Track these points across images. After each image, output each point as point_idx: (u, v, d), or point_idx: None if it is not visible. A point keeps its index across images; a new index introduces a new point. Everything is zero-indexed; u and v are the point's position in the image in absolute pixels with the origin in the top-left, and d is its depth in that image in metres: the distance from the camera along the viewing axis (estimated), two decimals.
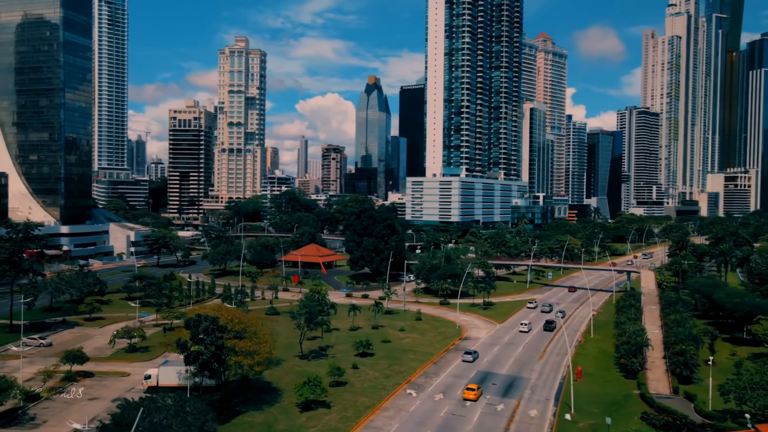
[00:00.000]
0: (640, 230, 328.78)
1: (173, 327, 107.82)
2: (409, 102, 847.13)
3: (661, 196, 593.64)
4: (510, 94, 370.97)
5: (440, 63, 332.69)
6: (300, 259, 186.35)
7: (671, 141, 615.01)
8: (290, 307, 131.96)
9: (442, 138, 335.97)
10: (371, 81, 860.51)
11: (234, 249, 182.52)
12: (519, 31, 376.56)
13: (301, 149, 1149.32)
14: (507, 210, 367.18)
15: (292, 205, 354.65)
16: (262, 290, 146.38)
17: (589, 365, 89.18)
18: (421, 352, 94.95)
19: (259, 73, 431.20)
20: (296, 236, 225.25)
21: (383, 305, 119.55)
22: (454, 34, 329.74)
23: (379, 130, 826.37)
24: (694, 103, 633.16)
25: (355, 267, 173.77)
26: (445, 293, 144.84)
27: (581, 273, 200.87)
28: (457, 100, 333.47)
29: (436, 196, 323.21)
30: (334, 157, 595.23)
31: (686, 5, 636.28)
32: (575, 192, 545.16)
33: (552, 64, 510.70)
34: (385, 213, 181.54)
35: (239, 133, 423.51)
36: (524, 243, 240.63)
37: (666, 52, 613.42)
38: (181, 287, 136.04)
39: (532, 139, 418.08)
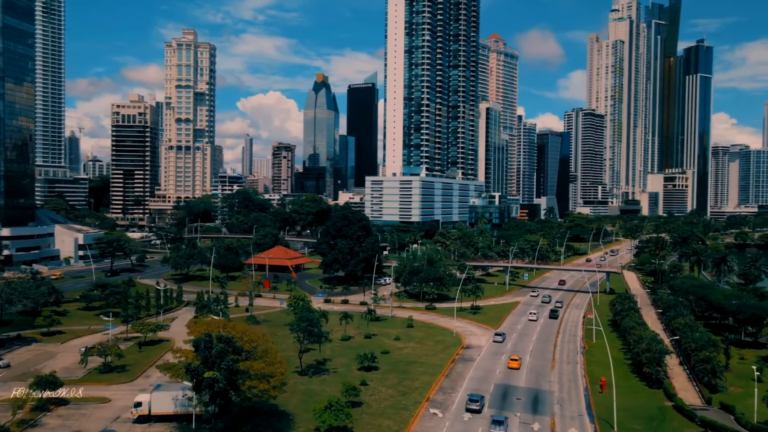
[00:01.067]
0: (596, 229, 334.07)
1: (148, 341, 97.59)
2: (357, 101, 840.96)
3: (606, 196, 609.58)
4: (467, 94, 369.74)
5: (400, 60, 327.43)
6: (268, 262, 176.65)
7: (615, 142, 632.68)
8: (269, 315, 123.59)
9: (402, 136, 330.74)
10: (319, 79, 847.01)
11: (197, 252, 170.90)
12: (476, 30, 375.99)
13: (246, 148, 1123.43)
14: (465, 210, 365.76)
15: (245, 205, 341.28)
16: (236, 297, 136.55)
17: (605, 374, 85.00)
18: (427, 364, 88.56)
19: (209, 67, 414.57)
20: (258, 238, 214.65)
21: (375, 312, 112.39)
22: (414, 31, 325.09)
23: (328, 129, 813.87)
24: (636, 106, 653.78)
25: (329, 270, 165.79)
26: (432, 297, 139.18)
27: (551, 273, 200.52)
28: (417, 99, 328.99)
29: (397, 196, 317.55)
30: (285, 156, 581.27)
31: (628, 11, 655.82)
32: (526, 191, 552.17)
33: (504, 65, 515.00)
34: (359, 214, 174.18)
35: (188, 129, 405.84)
36: (490, 243, 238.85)
37: (610, 56, 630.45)
38: (148, 295, 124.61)
39: (488, 139, 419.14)
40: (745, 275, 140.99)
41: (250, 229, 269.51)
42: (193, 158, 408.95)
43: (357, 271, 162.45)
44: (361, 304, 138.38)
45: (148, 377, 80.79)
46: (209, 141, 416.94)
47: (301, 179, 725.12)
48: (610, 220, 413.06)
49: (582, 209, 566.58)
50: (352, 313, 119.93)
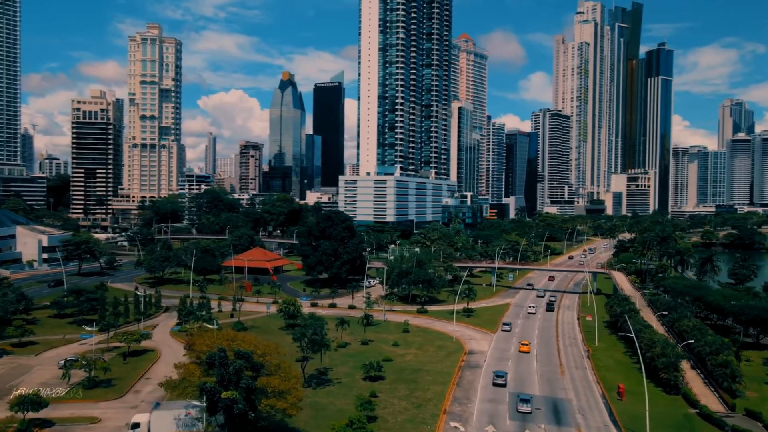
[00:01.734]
0: (568, 229, 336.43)
1: (131, 351, 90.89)
2: (323, 100, 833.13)
3: (572, 196, 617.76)
4: (440, 93, 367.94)
5: (374, 58, 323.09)
6: (247, 264, 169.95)
7: (581, 143, 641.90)
8: (255, 321, 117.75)
9: (377, 135, 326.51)
10: (285, 77, 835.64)
11: (173, 254, 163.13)
12: (449, 29, 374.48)
13: (209, 146, 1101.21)
14: (438, 209, 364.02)
15: (215, 205, 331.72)
16: (218, 301, 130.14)
17: (616, 379, 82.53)
18: (434, 372, 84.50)
19: (175, 63, 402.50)
20: (233, 239, 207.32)
21: (372, 317, 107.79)
22: (388, 29, 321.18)
23: (294, 128, 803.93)
24: (601, 107, 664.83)
25: (312, 272, 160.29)
26: (424, 300, 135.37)
27: (533, 274, 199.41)
28: (391, 97, 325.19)
29: (371, 196, 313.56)
30: (253, 155, 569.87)
31: (593, 14, 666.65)
32: (494, 191, 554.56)
33: (474, 65, 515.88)
34: (342, 214, 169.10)
35: (153, 127, 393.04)
36: (468, 244, 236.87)
37: (575, 58, 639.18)
38: (126, 301, 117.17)
39: (460, 139, 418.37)
40: (737, 275, 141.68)
41: (221, 230, 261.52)
42: (158, 157, 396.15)
43: (342, 273, 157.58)
44: (349, 308, 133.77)
45: (138, 392, 74.54)
46: (175, 139, 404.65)
47: (267, 179, 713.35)
48: (582, 220, 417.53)
49: (549, 209, 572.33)
50: (341, 317, 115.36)
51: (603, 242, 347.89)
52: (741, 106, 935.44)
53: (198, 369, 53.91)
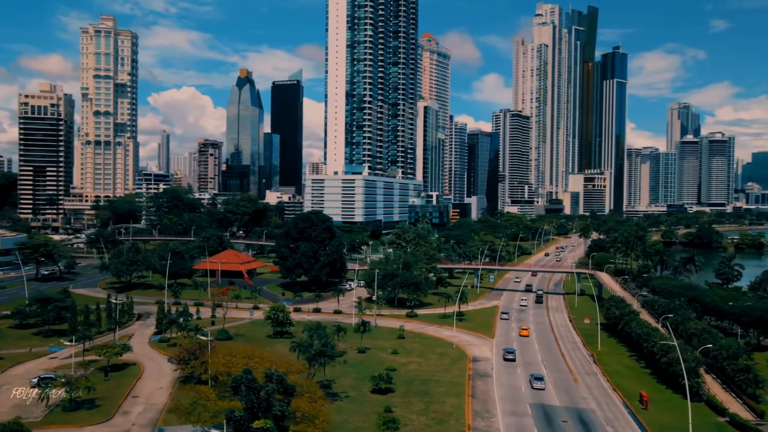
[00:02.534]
0: (533, 228, 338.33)
1: (113, 365, 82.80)
2: (281, 98, 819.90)
3: (532, 195, 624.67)
4: (407, 92, 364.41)
5: (342, 55, 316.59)
6: (220, 267, 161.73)
7: (540, 143, 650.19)
8: (239, 328, 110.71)
9: (344, 134, 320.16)
10: (243, 74, 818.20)
11: (142, 257, 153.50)
12: (415, 27, 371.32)
13: (162, 144, 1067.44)
14: (405, 209, 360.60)
15: (175, 205, 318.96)
16: (197, 307, 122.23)
17: (630, 386, 79.69)
18: (444, 382, 79.73)
19: (131, 57, 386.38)
20: (201, 241, 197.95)
21: (369, 324, 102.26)
22: (356, 25, 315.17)
23: (252, 126, 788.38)
24: (559, 108, 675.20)
25: (291, 275, 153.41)
26: (413, 304, 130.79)
27: (510, 274, 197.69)
28: (359, 95, 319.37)
29: (339, 195, 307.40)
30: (212, 153, 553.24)
31: (551, 16, 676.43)
32: (457, 191, 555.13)
33: (437, 64, 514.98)
34: (321, 214, 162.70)
35: (108, 123, 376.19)
36: (441, 244, 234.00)
37: (534, 59, 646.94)
38: (98, 309, 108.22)
39: (425, 138, 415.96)
40: (724, 275, 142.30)
41: (185, 231, 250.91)
42: (113, 154, 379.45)
43: (322, 276, 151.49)
44: (335, 313, 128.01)
45: (127, 414, 67.04)
46: (132, 136, 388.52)
47: (225, 178, 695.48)
48: (548, 220, 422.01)
49: (510, 208, 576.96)
50: (326, 323, 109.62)
51: (568, 241, 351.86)
52: (688, 110, 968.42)
53: (212, 391, 47.59)
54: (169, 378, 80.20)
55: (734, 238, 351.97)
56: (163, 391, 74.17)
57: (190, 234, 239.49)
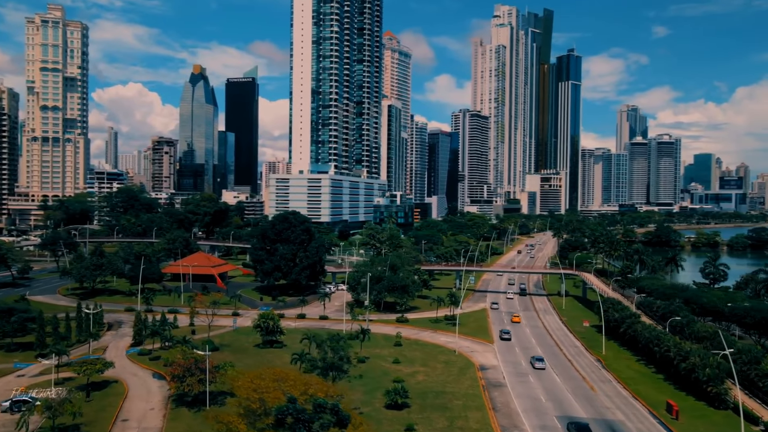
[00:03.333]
0: (499, 228, 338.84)
1: (92, 382, 74.39)
2: (235, 96, 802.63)
3: (491, 195, 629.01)
4: (372, 90, 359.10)
5: (307, 51, 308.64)
6: (191, 271, 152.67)
7: (499, 143, 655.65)
8: (223, 338, 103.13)
9: (310, 132, 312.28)
10: (196, 70, 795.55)
11: (107, 261, 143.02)
12: (379, 25, 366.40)
13: (110, 142, 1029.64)
14: (370, 209, 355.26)
15: (131, 205, 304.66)
16: (174, 315, 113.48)
17: (649, 393, 76.69)
18: (459, 394, 74.75)
19: (81, 49, 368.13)
20: (165, 243, 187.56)
21: (370, 331, 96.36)
22: (322, 21, 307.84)
23: (207, 124, 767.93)
24: (516, 109, 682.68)
25: (269, 279, 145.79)
26: (404, 308, 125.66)
27: (488, 276, 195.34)
28: (325, 93, 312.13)
29: (305, 195, 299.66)
30: (167, 151, 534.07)
31: (509, 18, 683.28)
32: (417, 191, 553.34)
33: (398, 63, 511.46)
34: (299, 215, 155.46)
35: (56, 118, 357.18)
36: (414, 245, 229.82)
37: (493, 60, 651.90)
38: (68, 319, 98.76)
39: (389, 137, 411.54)
40: (712, 275, 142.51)
41: (144, 233, 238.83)
42: (62, 151, 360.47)
43: (301, 280, 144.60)
44: (321, 318, 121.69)
45: None
46: (82, 132, 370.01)
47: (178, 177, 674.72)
48: (513, 219, 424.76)
49: (469, 208, 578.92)
50: (315, 330, 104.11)
51: (532, 240, 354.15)
52: (636, 112, 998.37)
53: (241, 422, 41.24)
54: (158, 397, 72.63)
55: (691, 237, 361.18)
56: (155, 413, 66.73)
57: (150, 235, 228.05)
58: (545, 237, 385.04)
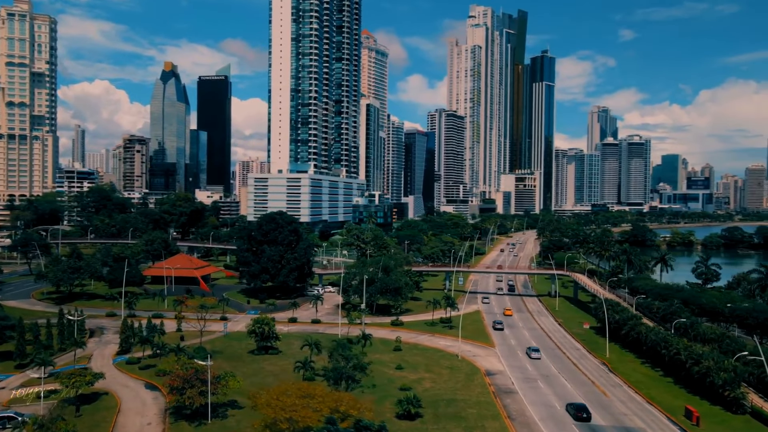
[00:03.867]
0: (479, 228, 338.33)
1: (80, 395, 69.44)
2: (207, 94, 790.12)
3: (467, 195, 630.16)
4: (351, 89, 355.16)
5: (287, 48, 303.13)
6: (174, 273, 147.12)
7: (474, 143, 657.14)
8: (214, 344, 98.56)
9: (289, 131, 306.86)
10: (168, 68, 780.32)
11: (85, 264, 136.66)
12: (358, 23, 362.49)
13: (77, 140, 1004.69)
14: (349, 209, 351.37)
15: (103, 205, 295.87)
16: (161, 320, 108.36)
17: (663, 397, 74.96)
18: (471, 402, 71.82)
19: (49, 44, 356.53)
20: (143, 244, 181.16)
21: (371, 336, 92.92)
22: (301, 18, 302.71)
23: (178, 123, 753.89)
24: (492, 109, 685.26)
25: (256, 281, 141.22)
26: (399, 311, 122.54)
27: (475, 276, 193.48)
28: (304, 91, 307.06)
29: (284, 195, 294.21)
30: (139, 150, 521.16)
31: (484, 18, 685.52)
32: (394, 190, 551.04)
33: (375, 62, 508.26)
34: (287, 216, 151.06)
35: (23, 115, 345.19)
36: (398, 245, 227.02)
37: (469, 60, 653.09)
38: (48, 325, 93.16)
39: (368, 137, 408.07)
40: (705, 275, 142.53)
41: (118, 233, 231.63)
42: (30, 149, 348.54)
43: (289, 282, 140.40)
44: (313, 322, 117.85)
45: None
46: (51, 130, 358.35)
47: (149, 176, 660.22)
48: (493, 219, 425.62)
49: (445, 208, 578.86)
50: (309, 334, 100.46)
51: (511, 239, 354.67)
52: (606, 113, 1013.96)
53: None
54: (153, 410, 68.16)
55: (666, 237, 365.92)
56: (153, 429, 62.39)
57: (125, 236, 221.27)
58: (524, 236, 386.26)
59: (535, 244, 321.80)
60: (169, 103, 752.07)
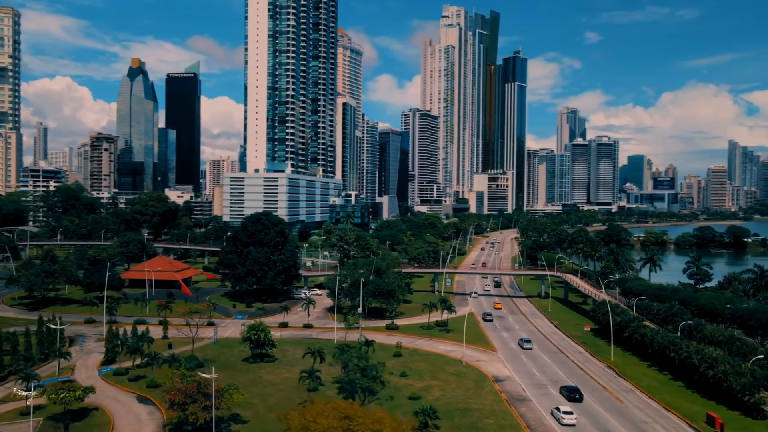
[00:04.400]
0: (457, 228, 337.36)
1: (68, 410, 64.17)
2: (176, 92, 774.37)
3: (441, 195, 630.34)
4: (327, 87, 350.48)
5: (263, 45, 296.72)
6: (154, 276, 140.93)
7: (448, 143, 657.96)
8: (204, 351, 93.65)
9: (266, 129, 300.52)
10: (135, 64, 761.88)
11: (60, 268, 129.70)
12: (335, 20, 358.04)
13: (39, 138, 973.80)
14: (326, 209, 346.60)
15: (71, 205, 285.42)
16: (146, 327, 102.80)
17: (682, 404, 73.13)
18: (487, 412, 68.73)
19: (12, 37, 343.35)
20: (118, 246, 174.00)
21: (374, 343, 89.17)
22: (278, 14, 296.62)
23: (146, 121, 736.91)
24: (465, 109, 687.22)
25: (241, 284, 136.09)
26: (393, 314, 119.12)
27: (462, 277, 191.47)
28: (281, 89, 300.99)
29: (261, 194, 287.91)
30: (107, 148, 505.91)
31: (457, 18, 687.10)
32: (369, 190, 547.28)
33: (350, 61, 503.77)
34: (273, 216, 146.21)
35: None
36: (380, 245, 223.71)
37: (442, 60, 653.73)
38: (26, 334, 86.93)
39: (344, 136, 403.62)
40: (697, 275, 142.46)
41: (89, 235, 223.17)
42: None
43: (276, 285, 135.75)
44: (305, 327, 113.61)
45: None
46: (14, 127, 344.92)
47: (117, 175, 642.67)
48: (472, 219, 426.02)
49: (420, 208, 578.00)
50: (300, 340, 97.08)
51: (487, 239, 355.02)
52: (576, 114, 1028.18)
53: None
54: (150, 427, 63.45)
55: (640, 236, 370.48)
56: None
57: (96, 237, 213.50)
58: (501, 236, 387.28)
59: (513, 243, 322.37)
60: (137, 100, 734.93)
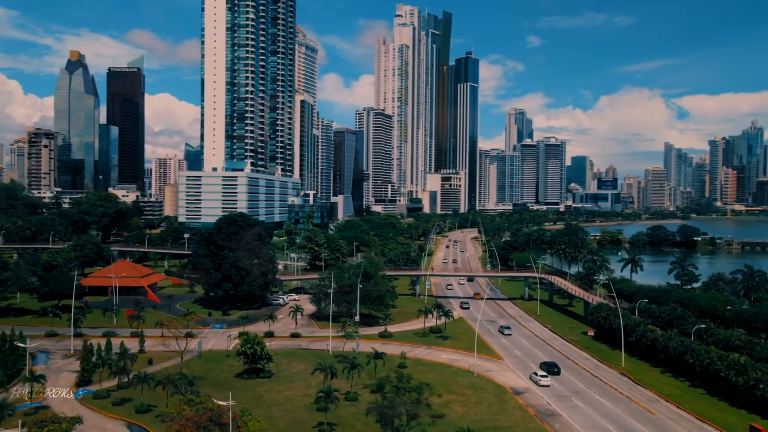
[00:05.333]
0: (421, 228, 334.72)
1: None
2: (118, 87, 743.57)
3: (395, 195, 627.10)
4: (286, 83, 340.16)
5: (221, 39, 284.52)
6: (118, 283, 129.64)
7: (402, 142, 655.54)
8: (191, 367, 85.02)
9: (224, 126, 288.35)
10: (74, 57, 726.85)
11: (14, 275, 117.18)
12: (293, 15, 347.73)
13: None
14: (285, 209, 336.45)
15: (11, 205, 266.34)
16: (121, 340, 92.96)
17: (714, 414, 70.09)
18: (520, 430, 63.72)
19: None
20: (72, 250, 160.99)
21: (384, 354, 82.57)
22: (237, 7, 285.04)
23: (87, 117, 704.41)
24: (419, 109, 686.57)
25: (216, 290, 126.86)
26: (385, 321, 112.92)
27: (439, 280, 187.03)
28: (240, 84, 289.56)
29: (219, 194, 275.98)
30: (47, 145, 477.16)
31: (411, 18, 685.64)
32: (324, 189, 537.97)
33: (305, 58, 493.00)
34: (249, 218, 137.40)
35: None
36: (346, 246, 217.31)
37: (396, 59, 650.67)
38: None
39: (302, 134, 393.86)
40: (684, 276, 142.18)
41: (33, 237, 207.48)
42: None
43: (254, 290, 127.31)
44: (292, 336, 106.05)
45: None
46: None
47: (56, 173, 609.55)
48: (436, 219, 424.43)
49: (375, 207, 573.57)
50: (291, 351, 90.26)
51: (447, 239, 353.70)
52: (523, 115, 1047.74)
53: None
54: None
55: (596, 235, 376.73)
56: None
57: (41, 240, 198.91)
58: (462, 234, 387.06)
59: (476, 243, 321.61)
60: (76, 95, 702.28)
